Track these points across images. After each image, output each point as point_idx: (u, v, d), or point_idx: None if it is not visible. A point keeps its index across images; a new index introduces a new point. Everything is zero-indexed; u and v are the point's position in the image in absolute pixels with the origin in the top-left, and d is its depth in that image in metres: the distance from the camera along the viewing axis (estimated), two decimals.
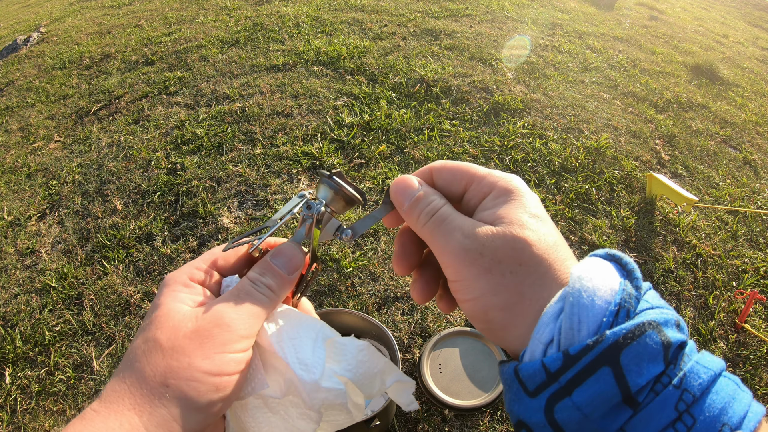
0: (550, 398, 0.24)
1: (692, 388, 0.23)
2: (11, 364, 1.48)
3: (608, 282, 0.26)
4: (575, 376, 0.23)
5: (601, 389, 0.23)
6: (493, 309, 0.28)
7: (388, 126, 2.39)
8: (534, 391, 0.25)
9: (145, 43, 3.60)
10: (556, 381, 0.24)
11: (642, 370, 0.23)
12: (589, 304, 0.25)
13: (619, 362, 0.23)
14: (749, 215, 2.27)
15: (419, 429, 1.30)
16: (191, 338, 0.30)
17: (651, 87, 3.33)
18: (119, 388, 0.28)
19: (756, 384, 1.56)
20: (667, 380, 0.23)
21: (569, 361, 0.24)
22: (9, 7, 6.81)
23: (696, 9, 6.92)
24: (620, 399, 0.23)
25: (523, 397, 0.25)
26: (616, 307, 0.25)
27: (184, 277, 0.35)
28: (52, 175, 2.32)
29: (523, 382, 0.25)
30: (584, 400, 0.23)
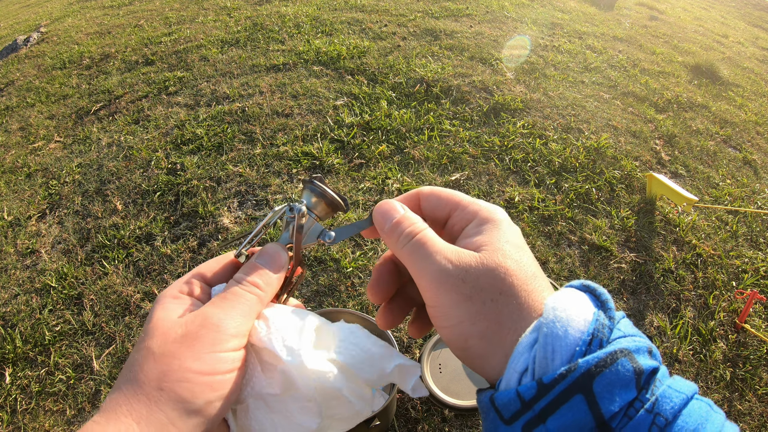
0: (524, 426, 0.24)
1: (664, 411, 0.24)
2: (11, 364, 1.48)
3: (582, 312, 0.27)
4: (549, 405, 0.24)
5: (574, 417, 0.23)
6: (471, 337, 0.28)
7: (388, 126, 2.39)
8: (509, 419, 0.25)
9: (145, 43, 3.60)
10: (530, 409, 0.24)
11: (614, 397, 0.24)
12: (563, 334, 0.25)
13: (592, 390, 0.23)
14: (749, 215, 2.27)
15: (419, 429, 1.30)
16: (181, 342, 0.30)
17: (651, 87, 3.33)
18: (117, 397, 0.28)
19: (756, 384, 1.56)
20: (640, 405, 0.24)
21: (543, 389, 0.24)
22: (9, 7, 6.81)
23: (696, 9, 6.92)
24: (594, 425, 0.23)
25: (499, 425, 0.26)
26: (590, 337, 0.25)
27: (173, 291, 0.35)
28: (52, 175, 2.32)
29: (498, 411, 0.26)
30: (558, 428, 0.24)
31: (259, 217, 1.91)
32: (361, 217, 1.89)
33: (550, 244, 1.88)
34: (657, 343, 1.61)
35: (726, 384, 1.54)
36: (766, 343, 1.66)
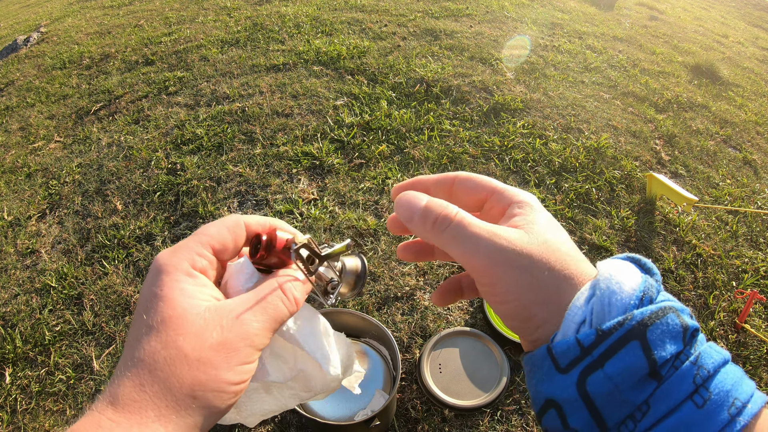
0: (582, 371, 0.26)
1: (707, 365, 0.26)
2: (11, 364, 1.48)
3: (632, 275, 0.29)
4: (607, 350, 0.26)
5: (631, 361, 0.25)
6: (535, 305, 0.29)
7: (388, 126, 2.39)
8: (566, 366, 0.27)
9: (145, 43, 3.60)
10: (589, 354, 0.26)
11: (666, 346, 0.26)
12: (618, 290, 0.28)
13: (646, 337, 0.25)
14: (749, 215, 2.27)
15: (419, 429, 1.30)
16: (218, 351, 0.30)
17: (651, 87, 3.33)
18: (140, 397, 0.27)
19: (756, 384, 1.56)
20: (685, 358, 0.26)
21: (602, 336, 0.26)
22: (9, 7, 6.81)
23: (696, 9, 6.92)
24: (647, 372, 0.25)
25: (554, 375, 0.27)
26: (641, 293, 0.28)
27: (184, 264, 0.32)
28: (52, 175, 2.32)
29: (556, 359, 0.27)
30: (615, 372, 0.25)
31: None
32: (361, 217, 1.89)
33: None
34: None
35: None
36: (766, 343, 1.66)
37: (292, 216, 1.90)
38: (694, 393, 0.25)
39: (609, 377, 0.26)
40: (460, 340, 1.43)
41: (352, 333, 1.31)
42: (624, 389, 0.26)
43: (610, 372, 0.25)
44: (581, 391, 0.26)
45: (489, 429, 1.31)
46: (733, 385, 0.26)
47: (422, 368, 1.37)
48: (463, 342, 1.43)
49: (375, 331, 1.25)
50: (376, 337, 1.27)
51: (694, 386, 0.25)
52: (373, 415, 1.05)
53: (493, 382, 1.35)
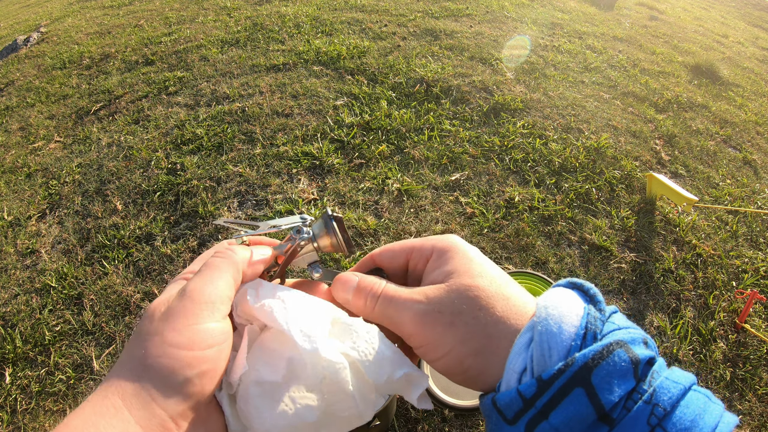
0: (528, 423, 0.25)
1: (663, 402, 0.24)
2: (11, 364, 1.48)
3: (573, 308, 0.27)
4: (550, 400, 0.24)
5: (576, 410, 0.24)
6: (467, 358, 0.29)
7: (388, 126, 2.39)
8: (512, 418, 0.26)
9: (145, 43, 3.60)
10: (532, 406, 0.25)
11: (613, 388, 0.24)
12: (557, 330, 0.26)
13: (591, 382, 0.24)
14: (749, 215, 2.27)
15: (419, 429, 1.30)
16: (162, 319, 0.30)
17: (651, 87, 3.33)
18: (109, 378, 0.29)
19: (756, 384, 1.56)
20: (638, 396, 0.24)
21: (543, 386, 0.25)
22: (9, 7, 6.81)
23: (696, 9, 6.92)
24: (595, 417, 0.24)
25: (503, 426, 0.26)
26: (583, 330, 0.26)
27: (185, 272, 0.36)
28: (52, 175, 2.32)
29: (501, 411, 0.26)
30: (561, 422, 0.24)
31: (259, 217, 1.90)
32: (361, 216, 1.89)
33: (550, 244, 1.88)
34: (657, 343, 1.61)
35: (726, 384, 1.54)
36: (766, 343, 1.66)
37: (291, 215, 1.90)
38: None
39: (555, 428, 0.24)
40: None
41: None
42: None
43: (555, 423, 0.24)
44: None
45: None
46: (695, 419, 0.24)
47: (422, 368, 1.37)
48: None
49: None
50: None
51: (648, 427, 0.24)
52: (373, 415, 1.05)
53: None
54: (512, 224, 1.93)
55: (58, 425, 0.27)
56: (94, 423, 0.26)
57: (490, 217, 1.95)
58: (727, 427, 0.24)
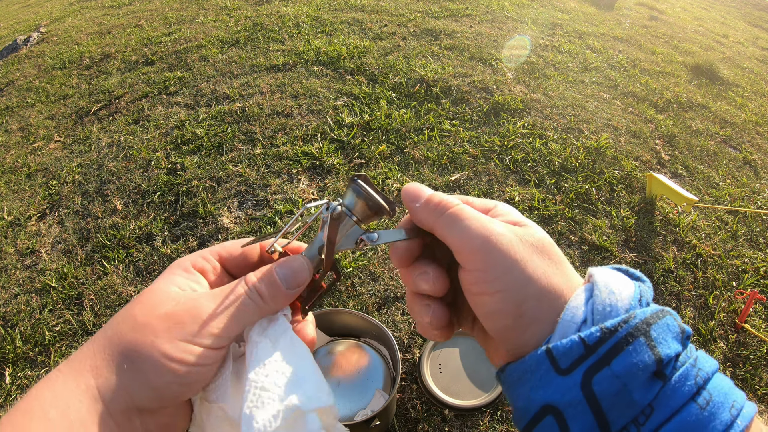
0: (587, 371, 0.25)
1: (704, 367, 0.26)
2: (11, 364, 1.48)
3: (625, 282, 0.29)
4: (613, 347, 0.25)
5: (638, 357, 0.24)
6: (527, 300, 0.28)
7: (388, 126, 2.39)
8: (569, 367, 0.25)
9: (145, 43, 3.60)
10: (594, 353, 0.25)
11: (670, 344, 0.25)
12: (617, 291, 0.27)
13: (651, 335, 0.25)
14: (749, 215, 2.27)
15: (419, 429, 1.30)
16: (162, 319, 0.30)
17: (651, 87, 3.33)
18: (86, 350, 0.29)
19: (756, 384, 1.56)
20: (685, 359, 0.26)
21: (607, 333, 0.25)
22: (9, 7, 6.81)
23: (696, 9, 6.92)
24: (654, 369, 0.25)
25: (553, 378, 0.26)
26: (639, 296, 0.28)
27: (186, 262, 0.35)
28: (52, 175, 2.32)
29: (556, 360, 0.26)
30: (623, 369, 0.24)
31: (259, 217, 1.91)
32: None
33: None
34: None
35: None
36: (766, 343, 1.66)
37: (292, 216, 1.90)
38: (696, 394, 0.25)
39: (617, 376, 0.24)
40: (461, 340, 1.44)
41: (353, 333, 1.31)
42: (633, 388, 0.24)
43: (618, 370, 0.24)
44: (587, 393, 0.25)
45: (489, 429, 1.31)
46: (729, 391, 0.25)
47: (422, 368, 1.37)
48: (463, 342, 1.43)
49: (375, 331, 1.25)
50: (376, 337, 1.27)
51: (696, 387, 0.25)
52: (373, 415, 1.05)
53: (493, 382, 1.35)
54: None
55: (29, 393, 0.27)
56: (64, 400, 0.27)
57: None
58: (751, 405, 0.26)
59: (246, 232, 1.83)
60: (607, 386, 0.24)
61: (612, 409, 0.24)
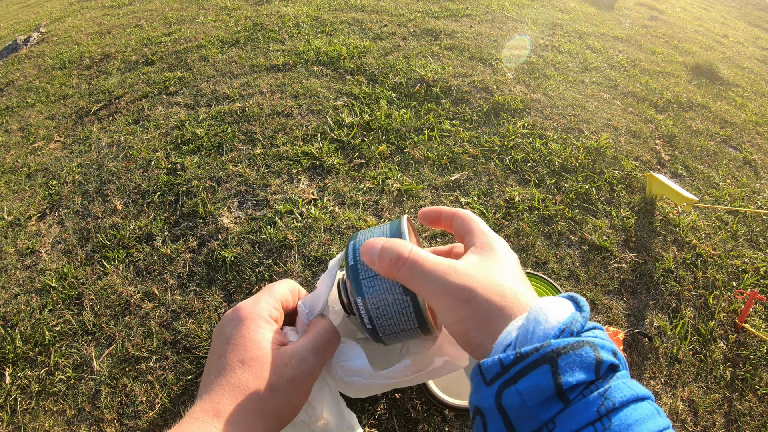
0: (500, 386, 0.30)
1: (614, 399, 0.28)
2: (11, 364, 1.48)
3: (562, 310, 0.33)
4: (521, 369, 0.30)
5: (539, 381, 0.29)
6: (472, 330, 0.35)
7: (388, 126, 2.39)
8: (490, 380, 0.31)
9: (145, 43, 3.60)
10: (507, 372, 0.30)
11: (574, 373, 0.29)
12: (543, 320, 0.32)
13: (557, 363, 0.29)
14: (749, 215, 2.27)
15: (419, 429, 1.30)
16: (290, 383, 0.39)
17: (651, 87, 3.33)
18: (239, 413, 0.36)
19: (756, 384, 1.56)
20: (594, 388, 0.29)
21: (519, 358, 0.30)
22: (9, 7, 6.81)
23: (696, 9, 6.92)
24: (553, 393, 0.29)
25: (481, 387, 0.32)
26: (564, 326, 0.31)
27: (265, 314, 0.42)
28: (52, 175, 2.32)
29: (483, 374, 0.32)
30: (524, 388, 0.29)
31: (259, 217, 1.90)
32: (361, 216, 1.89)
33: (550, 244, 1.88)
34: (657, 342, 1.61)
35: (726, 384, 1.55)
36: (766, 343, 1.66)
37: (292, 216, 1.90)
38: (596, 421, 0.28)
39: (519, 393, 0.29)
40: None
41: None
42: (531, 405, 0.29)
43: (521, 389, 0.29)
44: (497, 402, 0.30)
45: None
46: (638, 420, 0.28)
47: None
48: None
49: None
50: None
51: (597, 415, 0.28)
52: None
53: None
54: (512, 224, 1.93)
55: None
56: None
57: (490, 217, 1.95)
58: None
59: (246, 232, 1.83)
60: (511, 400, 0.30)
61: (518, 419, 0.29)
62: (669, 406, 1.45)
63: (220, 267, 1.72)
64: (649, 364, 1.55)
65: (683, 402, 1.48)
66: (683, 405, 1.47)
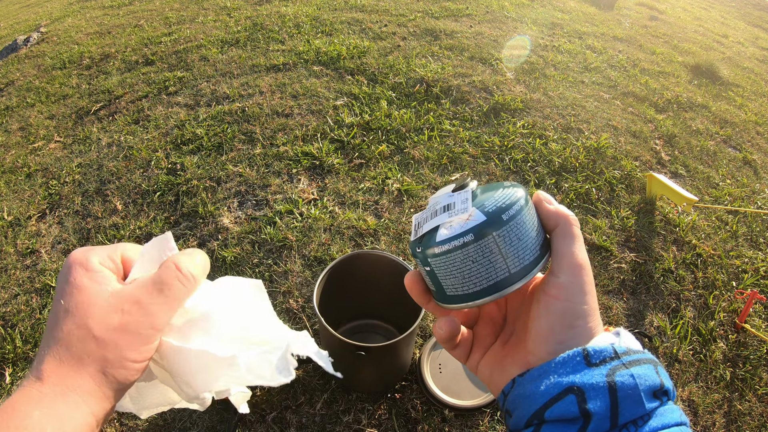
0: (612, 368, 0.32)
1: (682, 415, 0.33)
2: (11, 364, 1.48)
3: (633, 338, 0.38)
4: (633, 360, 0.32)
5: (649, 373, 0.32)
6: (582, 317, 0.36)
7: (388, 126, 2.39)
8: (598, 362, 0.32)
9: (145, 43, 3.60)
10: (619, 359, 0.32)
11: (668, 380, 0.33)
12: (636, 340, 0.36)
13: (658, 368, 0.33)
14: (749, 215, 2.27)
15: (419, 429, 1.30)
16: (121, 331, 0.34)
17: (651, 87, 3.33)
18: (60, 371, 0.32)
19: (756, 384, 1.56)
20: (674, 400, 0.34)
21: (631, 351, 0.33)
22: (9, 7, 6.81)
23: (696, 9, 6.92)
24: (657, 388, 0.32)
25: (583, 368, 0.32)
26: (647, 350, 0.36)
27: (95, 259, 0.36)
28: (52, 175, 2.32)
29: (588, 356, 0.32)
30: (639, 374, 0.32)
31: (259, 217, 1.90)
32: (361, 216, 1.89)
33: None
34: (657, 342, 1.61)
35: (726, 384, 1.54)
36: (766, 343, 1.66)
37: (291, 216, 1.90)
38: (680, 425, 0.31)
39: (634, 376, 0.31)
40: None
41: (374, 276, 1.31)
42: (643, 389, 0.31)
43: (636, 373, 0.31)
44: (609, 380, 0.31)
45: (489, 429, 1.31)
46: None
47: (422, 368, 1.37)
48: None
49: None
50: None
51: (680, 419, 0.32)
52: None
53: None
54: None
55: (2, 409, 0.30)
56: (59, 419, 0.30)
57: None
58: None
59: (246, 232, 1.83)
60: (626, 380, 0.31)
61: (624, 400, 0.30)
62: None
63: (220, 267, 1.72)
64: None
65: (683, 402, 1.48)
66: (683, 405, 1.47)
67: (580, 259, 0.35)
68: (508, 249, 0.34)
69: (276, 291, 1.62)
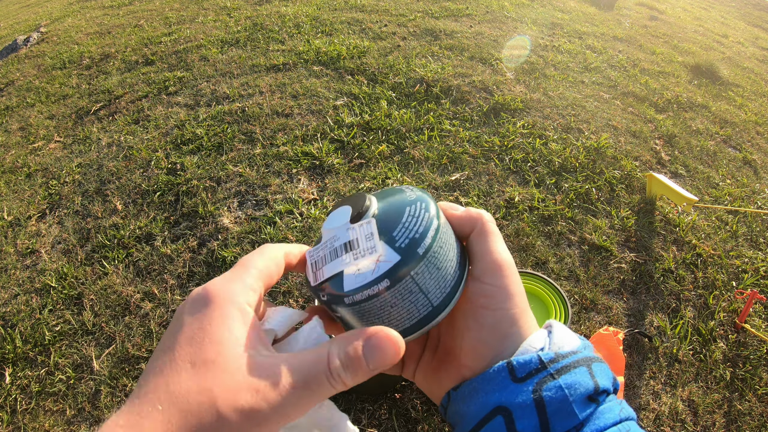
0: (539, 381, 0.30)
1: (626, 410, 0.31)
2: (11, 364, 1.48)
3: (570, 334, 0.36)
4: (562, 367, 0.31)
5: (582, 378, 0.30)
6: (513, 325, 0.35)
7: (388, 126, 2.39)
8: (524, 377, 0.30)
9: (145, 43, 3.60)
10: (545, 369, 0.30)
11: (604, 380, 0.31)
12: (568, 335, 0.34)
13: (592, 368, 0.31)
14: (749, 215, 2.27)
15: (419, 429, 1.30)
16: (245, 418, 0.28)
17: (651, 87, 3.33)
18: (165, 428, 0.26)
19: (756, 384, 1.56)
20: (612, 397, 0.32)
21: (560, 357, 0.31)
22: (9, 7, 6.81)
23: (696, 9, 6.92)
24: (592, 393, 0.30)
25: (509, 384, 0.31)
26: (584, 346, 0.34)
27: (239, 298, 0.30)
28: (52, 175, 2.32)
29: (514, 370, 0.31)
30: (568, 383, 0.30)
31: (259, 217, 1.90)
32: None
33: (550, 244, 1.88)
34: (657, 342, 1.61)
35: (726, 384, 1.54)
36: (766, 343, 1.66)
37: (292, 216, 1.90)
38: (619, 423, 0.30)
39: (563, 387, 0.29)
40: None
41: None
42: (575, 399, 0.29)
43: (566, 383, 0.30)
44: (536, 397, 0.29)
45: None
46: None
47: None
48: None
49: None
50: None
51: (618, 418, 0.30)
52: None
53: None
54: (512, 224, 1.93)
55: None
56: None
57: None
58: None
59: (246, 232, 1.83)
60: (553, 394, 0.29)
61: (555, 415, 0.29)
62: (669, 406, 1.45)
63: (220, 267, 1.72)
64: (649, 364, 1.55)
65: (683, 402, 1.48)
66: (683, 405, 1.47)
67: (501, 257, 0.34)
68: (428, 283, 0.30)
69: (276, 291, 1.62)
